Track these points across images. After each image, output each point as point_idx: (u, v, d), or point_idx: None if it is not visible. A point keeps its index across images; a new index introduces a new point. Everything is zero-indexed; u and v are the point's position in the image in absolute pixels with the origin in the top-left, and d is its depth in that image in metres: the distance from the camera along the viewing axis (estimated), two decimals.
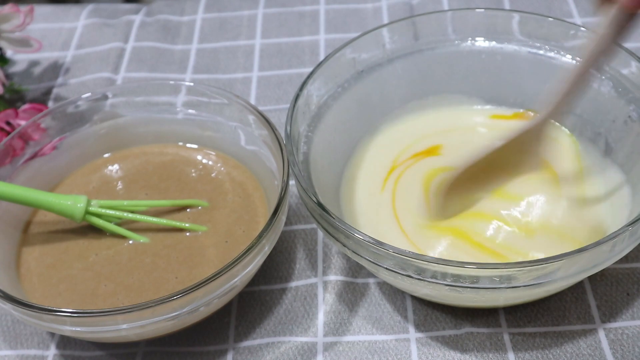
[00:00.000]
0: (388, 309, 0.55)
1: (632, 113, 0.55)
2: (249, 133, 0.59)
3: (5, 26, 0.68)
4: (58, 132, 0.60)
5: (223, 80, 0.75)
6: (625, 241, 0.46)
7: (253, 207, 0.57)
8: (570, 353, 0.51)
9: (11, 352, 0.54)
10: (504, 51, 0.61)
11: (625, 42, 0.50)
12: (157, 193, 0.59)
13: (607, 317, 0.52)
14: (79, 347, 0.54)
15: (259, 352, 0.53)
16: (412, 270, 0.46)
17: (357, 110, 0.61)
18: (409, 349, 0.52)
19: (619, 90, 0.56)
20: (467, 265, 0.44)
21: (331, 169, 0.58)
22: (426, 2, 0.80)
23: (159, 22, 0.82)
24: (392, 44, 0.61)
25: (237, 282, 0.49)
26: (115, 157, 0.62)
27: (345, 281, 0.56)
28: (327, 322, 0.54)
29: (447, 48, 0.62)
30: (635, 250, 0.51)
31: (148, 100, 0.61)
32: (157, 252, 0.55)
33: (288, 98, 0.71)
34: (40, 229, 0.57)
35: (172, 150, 0.62)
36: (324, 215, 0.48)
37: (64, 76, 0.77)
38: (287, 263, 0.58)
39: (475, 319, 0.53)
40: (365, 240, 0.46)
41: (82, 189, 0.60)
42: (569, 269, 0.45)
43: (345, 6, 0.82)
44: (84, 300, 0.52)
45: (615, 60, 0.57)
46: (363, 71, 0.61)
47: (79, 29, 0.83)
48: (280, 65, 0.76)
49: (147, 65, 0.77)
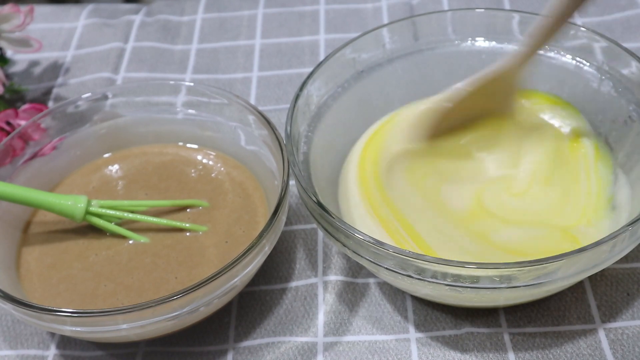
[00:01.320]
0: (388, 309, 0.55)
1: (632, 113, 0.55)
2: (249, 133, 0.59)
3: (5, 26, 0.68)
4: (58, 132, 0.60)
5: (223, 81, 0.75)
6: (625, 241, 0.46)
7: (253, 207, 0.57)
8: (570, 353, 0.51)
9: (11, 352, 0.54)
10: (504, 51, 0.61)
11: (625, 43, 0.50)
12: (157, 193, 0.59)
13: (607, 317, 0.52)
14: (79, 347, 0.54)
15: (259, 352, 0.53)
16: (412, 270, 0.46)
17: (357, 110, 0.61)
18: (409, 349, 0.52)
19: (619, 90, 0.56)
20: (467, 265, 0.44)
21: (331, 169, 0.58)
22: (426, 2, 0.80)
23: (159, 22, 0.82)
24: (392, 44, 0.61)
25: (237, 282, 0.49)
26: (115, 157, 0.62)
27: (345, 281, 0.56)
28: (327, 322, 0.54)
29: (447, 48, 0.62)
30: (635, 250, 0.51)
31: (148, 100, 0.61)
32: (157, 252, 0.55)
33: (288, 98, 0.71)
34: (40, 229, 0.57)
35: (172, 150, 0.62)
36: (324, 215, 0.48)
37: (64, 76, 0.77)
38: (287, 263, 0.58)
39: (475, 319, 0.53)
40: (365, 240, 0.46)
41: (82, 189, 0.60)
42: (569, 269, 0.45)
43: (345, 6, 0.82)
44: (84, 300, 0.52)
45: (615, 60, 0.57)
46: (363, 71, 0.61)
47: (79, 29, 0.83)
48: (280, 65, 0.76)
49: (147, 65, 0.77)
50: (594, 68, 0.58)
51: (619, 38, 0.69)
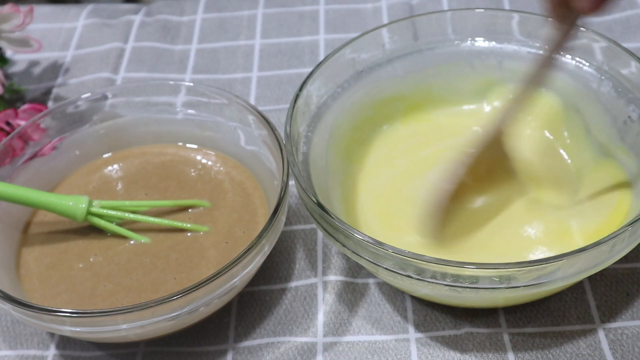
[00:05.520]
0: (388, 309, 0.55)
1: (632, 113, 0.55)
2: (249, 133, 0.59)
3: (5, 26, 0.68)
4: (58, 132, 0.60)
5: (223, 81, 0.75)
6: (625, 241, 0.46)
7: (253, 208, 0.57)
8: (570, 353, 0.51)
9: (11, 352, 0.54)
10: (504, 51, 0.61)
11: (625, 43, 0.50)
12: (157, 193, 0.59)
13: (606, 317, 0.52)
14: (79, 347, 0.54)
15: (258, 352, 0.53)
16: (411, 270, 0.46)
17: (357, 110, 0.61)
18: (408, 349, 0.52)
19: (619, 90, 0.56)
20: (467, 266, 0.44)
21: (331, 169, 0.58)
22: (426, 2, 0.80)
23: (158, 22, 0.82)
24: (392, 44, 0.61)
25: (237, 282, 0.49)
26: (115, 157, 0.62)
27: (345, 281, 0.56)
28: (327, 322, 0.54)
29: (447, 48, 0.62)
30: (635, 250, 0.51)
31: (148, 100, 0.61)
32: (156, 253, 0.55)
33: (288, 98, 0.71)
34: (40, 229, 0.57)
35: (172, 151, 0.62)
36: (323, 215, 0.48)
37: (63, 76, 0.77)
38: (287, 263, 0.58)
39: (475, 319, 0.53)
40: (365, 240, 0.46)
41: (82, 189, 0.60)
42: (568, 269, 0.45)
43: (345, 6, 0.82)
44: (84, 300, 0.52)
45: (615, 60, 0.57)
46: (363, 71, 0.61)
47: (79, 29, 0.83)
48: (280, 65, 0.76)
49: (147, 65, 0.77)
50: (594, 68, 0.58)
51: (618, 38, 0.70)
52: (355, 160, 0.60)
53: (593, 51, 0.58)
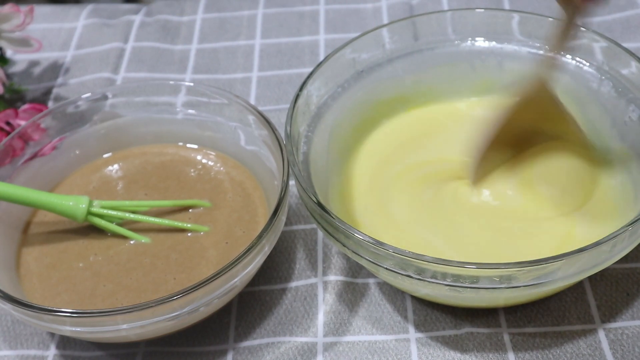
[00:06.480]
0: (388, 309, 0.55)
1: (632, 113, 0.55)
2: (249, 133, 0.59)
3: (5, 26, 0.68)
4: (58, 132, 0.60)
5: (223, 81, 0.75)
6: (625, 241, 0.46)
7: (253, 208, 0.57)
8: (570, 353, 0.51)
9: (11, 352, 0.54)
10: (504, 51, 0.61)
11: (625, 43, 0.50)
12: (157, 193, 0.59)
13: (607, 317, 0.52)
14: (79, 347, 0.54)
15: (259, 352, 0.53)
16: (412, 270, 0.46)
17: (357, 110, 0.61)
18: (409, 349, 0.52)
19: (619, 90, 0.56)
20: (467, 265, 0.44)
21: (331, 169, 0.58)
22: (426, 2, 0.80)
23: (158, 22, 0.82)
24: (392, 44, 0.61)
25: (237, 283, 0.49)
26: (115, 157, 0.62)
27: (345, 281, 0.56)
28: (327, 322, 0.54)
29: (447, 48, 0.62)
30: (635, 250, 0.51)
31: (148, 100, 0.61)
32: (156, 253, 0.55)
33: (288, 98, 0.71)
34: (40, 229, 0.57)
35: (172, 150, 0.62)
36: (324, 215, 0.48)
37: (63, 76, 0.77)
38: (287, 263, 0.58)
39: (475, 319, 0.53)
40: (365, 240, 0.46)
41: (82, 189, 0.60)
42: (568, 269, 0.45)
43: (345, 6, 0.82)
44: (84, 300, 0.52)
45: (615, 60, 0.57)
46: (363, 71, 0.61)
47: (79, 29, 0.83)
48: (280, 65, 0.76)
49: (147, 65, 0.77)
50: (594, 68, 0.58)
51: (618, 38, 0.70)
52: (356, 160, 0.60)
53: (593, 51, 0.58)
